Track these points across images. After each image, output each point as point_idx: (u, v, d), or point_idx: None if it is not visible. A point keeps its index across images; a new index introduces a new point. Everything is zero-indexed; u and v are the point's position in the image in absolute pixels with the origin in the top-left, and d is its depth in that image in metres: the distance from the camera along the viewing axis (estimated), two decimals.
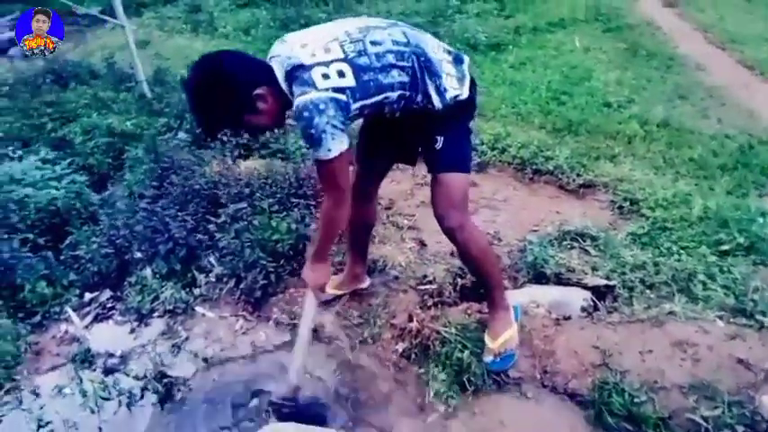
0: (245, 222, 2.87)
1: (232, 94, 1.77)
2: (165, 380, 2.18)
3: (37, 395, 2.19)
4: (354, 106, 1.81)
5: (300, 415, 1.88)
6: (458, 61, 2.05)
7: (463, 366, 2.15)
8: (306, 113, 1.73)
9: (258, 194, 3.17)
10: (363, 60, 1.81)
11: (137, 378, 2.22)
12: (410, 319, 2.34)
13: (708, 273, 2.71)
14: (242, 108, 1.81)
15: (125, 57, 6.78)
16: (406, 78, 1.89)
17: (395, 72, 1.86)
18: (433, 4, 9.67)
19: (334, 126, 1.76)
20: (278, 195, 3.25)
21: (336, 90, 1.75)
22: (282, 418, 1.88)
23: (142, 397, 2.15)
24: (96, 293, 2.71)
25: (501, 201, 4.01)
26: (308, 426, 1.74)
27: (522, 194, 4.12)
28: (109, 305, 2.64)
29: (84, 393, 2.13)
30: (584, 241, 3.22)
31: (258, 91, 1.80)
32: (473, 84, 2.07)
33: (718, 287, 2.55)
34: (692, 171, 4.26)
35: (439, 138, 2.02)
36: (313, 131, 1.75)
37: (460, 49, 7.62)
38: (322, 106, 1.73)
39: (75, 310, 2.61)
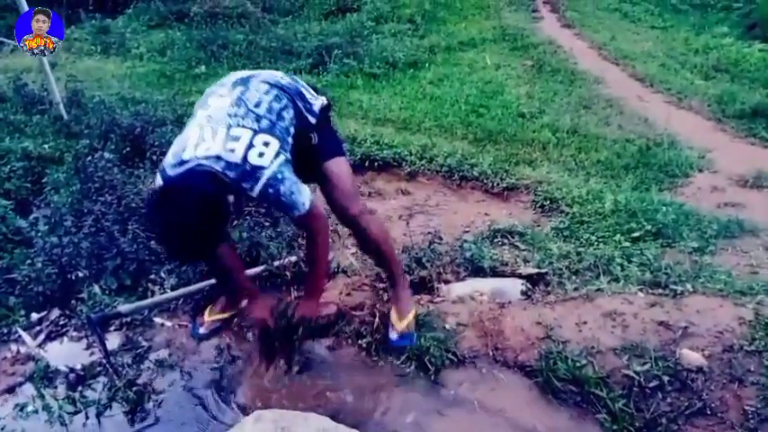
0: None
1: (213, 218, 1.85)
2: (134, 388, 2.17)
3: None
4: (288, 157, 2.00)
5: None
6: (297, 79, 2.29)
7: (422, 351, 2.31)
8: (271, 190, 1.90)
9: None
10: (265, 123, 1.98)
11: (104, 389, 2.19)
12: (372, 315, 2.47)
13: (624, 256, 3.04)
14: (220, 224, 1.93)
15: (31, 79, 6.52)
16: (291, 112, 2.10)
17: (284, 113, 2.07)
18: (350, 25, 9.98)
19: (294, 182, 1.95)
20: None
21: (277, 155, 1.92)
22: None
23: (111, 407, 2.13)
24: (44, 313, 2.64)
25: (433, 206, 4.24)
26: (294, 411, 1.81)
27: (452, 199, 4.38)
28: (61, 323, 2.57)
29: (48, 409, 2.08)
30: (513, 238, 3.49)
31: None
32: (316, 89, 2.32)
33: (635, 267, 2.87)
34: (600, 171, 4.70)
35: (312, 135, 2.21)
36: (284, 199, 1.93)
37: (380, 67, 7.97)
38: (279, 176, 1.91)
39: (24, 330, 2.52)
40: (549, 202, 4.02)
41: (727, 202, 4.06)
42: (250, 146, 1.87)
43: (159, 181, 1.95)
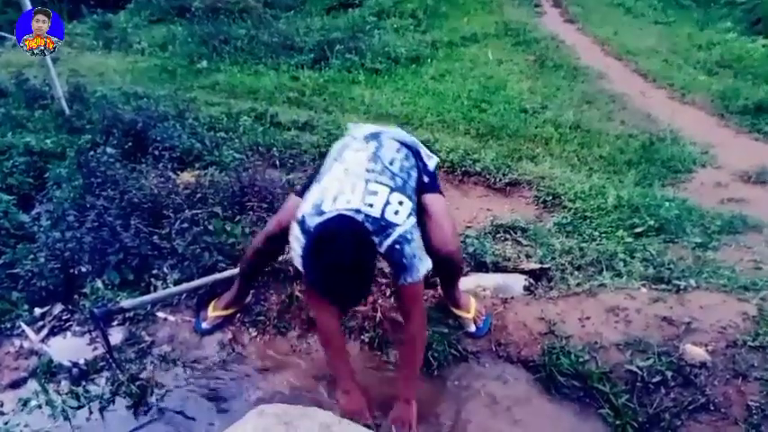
0: (201, 228, 2.89)
1: (369, 253, 1.81)
2: (137, 383, 2.17)
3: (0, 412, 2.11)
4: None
5: None
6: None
7: (426, 346, 2.30)
8: (398, 247, 1.89)
9: (210, 201, 3.21)
10: (399, 181, 2.02)
11: (107, 384, 2.19)
12: (374, 310, 2.47)
13: (627, 251, 3.04)
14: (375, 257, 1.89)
15: (33, 74, 6.50)
16: (415, 172, 2.16)
17: (411, 172, 2.13)
18: (351, 20, 9.94)
19: (420, 247, 1.95)
20: (224, 203, 3.29)
21: (409, 215, 1.95)
22: None
23: (114, 401, 2.13)
24: (47, 308, 2.64)
25: None
26: (297, 406, 1.81)
27: (455, 194, 4.36)
28: (64, 317, 2.57)
29: (52, 404, 2.08)
30: (516, 233, 3.48)
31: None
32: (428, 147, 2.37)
33: (638, 262, 2.87)
34: (603, 167, 4.70)
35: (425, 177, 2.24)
36: (405, 260, 1.90)
37: (382, 62, 7.94)
38: (408, 236, 1.91)
39: (28, 325, 2.52)
40: (551, 197, 4.01)
41: (731, 198, 4.06)
42: (387, 203, 1.92)
43: (297, 231, 1.93)
